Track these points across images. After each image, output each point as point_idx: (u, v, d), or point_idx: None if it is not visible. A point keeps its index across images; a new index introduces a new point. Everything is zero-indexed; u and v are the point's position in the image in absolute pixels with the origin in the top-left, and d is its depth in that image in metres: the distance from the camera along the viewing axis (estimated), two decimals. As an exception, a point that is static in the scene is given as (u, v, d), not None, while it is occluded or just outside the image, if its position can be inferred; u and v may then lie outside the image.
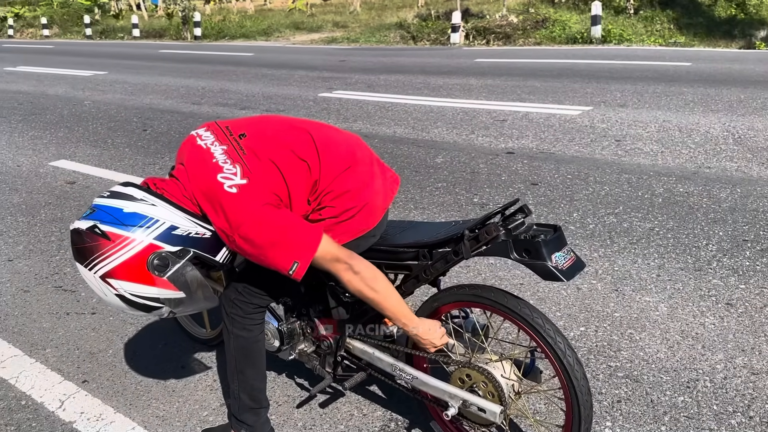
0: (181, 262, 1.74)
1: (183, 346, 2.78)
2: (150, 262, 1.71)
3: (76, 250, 1.75)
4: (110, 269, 1.70)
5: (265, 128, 1.86)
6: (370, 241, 1.91)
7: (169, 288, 1.75)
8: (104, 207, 1.75)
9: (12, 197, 4.98)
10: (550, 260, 1.63)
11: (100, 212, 1.74)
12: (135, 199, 1.74)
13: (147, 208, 1.73)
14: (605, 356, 2.51)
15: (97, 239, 1.70)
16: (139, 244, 1.70)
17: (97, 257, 1.70)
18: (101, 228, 1.70)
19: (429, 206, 4.25)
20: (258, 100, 8.57)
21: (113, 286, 1.72)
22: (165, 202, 1.76)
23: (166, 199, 1.76)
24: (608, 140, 5.58)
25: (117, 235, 1.69)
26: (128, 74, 11.97)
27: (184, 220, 1.76)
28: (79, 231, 1.73)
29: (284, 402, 2.36)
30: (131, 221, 1.71)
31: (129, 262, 1.70)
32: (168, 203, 1.76)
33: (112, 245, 1.69)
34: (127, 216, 1.71)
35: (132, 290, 1.73)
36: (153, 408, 2.38)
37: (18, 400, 2.47)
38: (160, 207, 1.74)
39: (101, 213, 1.73)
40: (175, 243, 1.74)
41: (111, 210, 1.73)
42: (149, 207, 1.73)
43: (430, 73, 10.17)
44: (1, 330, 2.99)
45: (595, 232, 3.66)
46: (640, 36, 13.02)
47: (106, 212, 1.73)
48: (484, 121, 6.58)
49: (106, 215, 1.72)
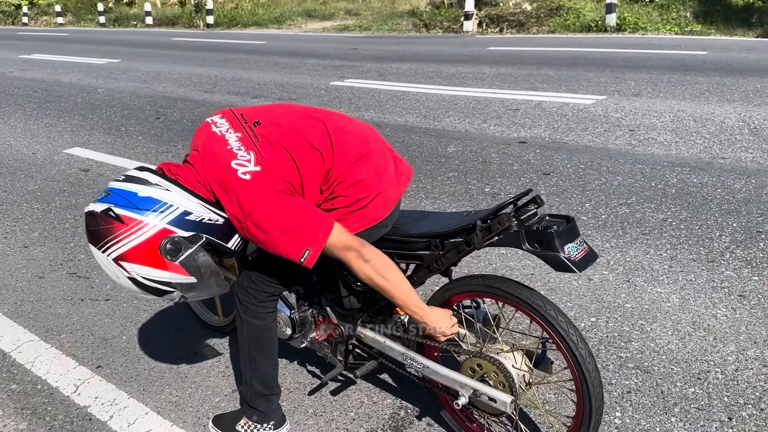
0: (194, 247, 1.76)
1: (196, 332, 2.80)
2: (163, 246, 1.72)
3: (90, 232, 1.77)
4: (123, 252, 1.72)
5: (280, 116, 1.87)
6: (381, 231, 1.91)
7: (181, 273, 1.77)
8: (119, 190, 1.76)
9: (27, 184, 5.03)
10: (563, 251, 1.62)
11: (114, 195, 1.76)
12: (150, 184, 1.76)
13: (161, 193, 1.75)
14: (616, 347, 2.51)
15: (111, 222, 1.72)
16: (152, 228, 1.72)
17: (110, 240, 1.72)
18: (116, 211, 1.72)
19: (440, 196, 4.25)
20: (270, 89, 8.57)
21: (126, 269, 1.74)
22: (179, 188, 1.77)
23: (180, 185, 1.78)
24: (622, 130, 5.53)
25: (131, 218, 1.71)
26: (141, 62, 12.01)
27: (197, 206, 1.77)
28: (93, 213, 1.75)
29: (295, 389, 2.39)
30: (145, 205, 1.73)
31: (142, 245, 1.71)
32: (182, 189, 1.77)
33: (125, 228, 1.71)
34: (142, 200, 1.73)
35: (144, 274, 1.75)
36: (166, 393, 2.41)
37: (34, 384, 2.51)
38: (175, 192, 1.76)
39: (116, 196, 1.75)
40: (188, 228, 1.76)
41: (126, 194, 1.75)
42: (163, 192, 1.75)
43: (443, 61, 10.12)
44: (17, 315, 3.03)
45: (607, 223, 3.65)
46: (655, 24, 12.86)
47: (120, 196, 1.75)
48: (496, 110, 6.55)
49: (120, 199, 1.74)
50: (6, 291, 3.28)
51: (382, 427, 2.15)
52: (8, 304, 3.14)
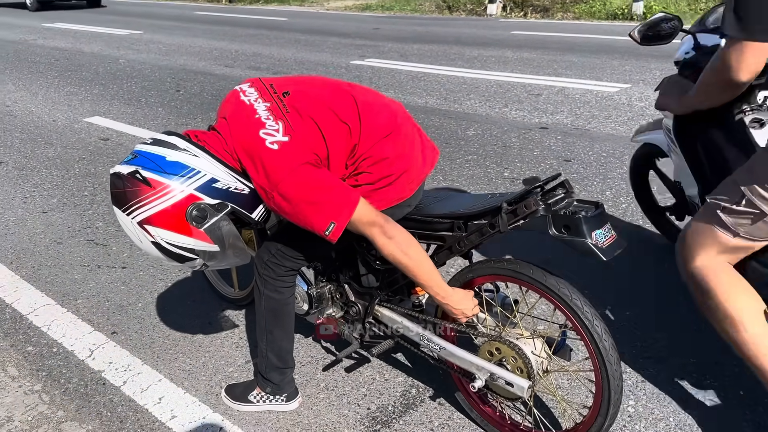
0: (219, 215, 1.75)
1: (211, 303, 2.82)
2: (189, 212, 1.71)
3: (115, 194, 1.75)
4: (148, 216, 1.71)
5: (309, 88, 1.84)
6: (404, 210, 1.90)
7: (205, 240, 1.76)
8: (147, 153, 1.75)
9: (47, 151, 5.06)
10: (590, 237, 1.59)
11: (142, 158, 1.74)
12: (178, 149, 1.75)
13: (190, 159, 1.73)
14: (632, 336, 2.48)
15: (138, 185, 1.70)
16: (179, 193, 1.71)
17: (136, 203, 1.71)
18: (143, 174, 1.70)
19: (458, 178, 4.22)
20: (290, 65, 8.53)
21: (150, 233, 1.73)
22: (207, 154, 1.76)
23: (207, 152, 1.76)
24: (645, 119, 5.44)
25: (158, 182, 1.70)
26: (163, 34, 11.99)
27: (224, 174, 1.76)
28: (120, 175, 1.74)
29: (308, 362, 2.39)
30: (173, 170, 1.71)
31: (168, 210, 1.70)
32: (210, 155, 1.76)
33: (152, 192, 1.70)
34: (170, 164, 1.72)
35: (168, 239, 1.74)
36: (179, 362, 2.43)
37: (50, 347, 2.54)
38: (202, 158, 1.74)
39: (143, 159, 1.73)
40: (214, 196, 1.75)
41: (153, 157, 1.73)
42: (192, 158, 1.74)
43: (465, 43, 10.01)
44: (34, 279, 3.06)
45: (627, 212, 3.60)
46: (683, 14, 12.62)
47: (148, 159, 1.73)
48: (518, 95, 6.47)
49: (148, 162, 1.72)
50: (24, 255, 3.32)
51: (393, 404, 2.16)
52: (26, 268, 3.17)
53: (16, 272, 3.13)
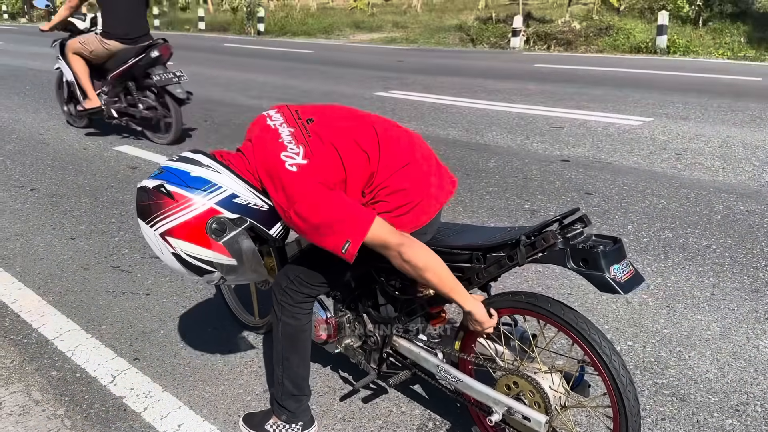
0: (238, 229, 1.81)
1: (231, 331, 2.85)
2: (209, 225, 1.78)
3: (140, 207, 1.83)
4: (170, 228, 1.78)
5: (332, 116, 1.92)
6: (420, 239, 1.92)
7: (223, 253, 1.82)
8: (172, 169, 1.83)
9: (77, 178, 5.19)
10: (608, 272, 1.60)
11: (167, 173, 1.82)
12: (202, 165, 1.83)
13: (212, 174, 1.81)
14: (652, 372, 2.46)
15: (162, 198, 1.78)
16: (201, 206, 1.78)
17: (159, 215, 1.78)
18: (167, 188, 1.78)
19: (478, 210, 4.24)
20: (315, 97, 8.68)
21: (171, 244, 1.80)
22: (229, 171, 1.84)
23: (230, 169, 1.84)
24: (668, 153, 5.44)
25: (181, 195, 1.77)
26: (193, 65, 12.28)
27: (244, 190, 1.83)
28: (145, 188, 1.82)
29: (326, 393, 2.40)
30: (196, 184, 1.79)
31: (189, 222, 1.77)
32: (232, 173, 1.84)
33: (175, 204, 1.77)
34: (193, 179, 1.79)
35: (188, 250, 1.80)
36: (199, 389, 2.46)
37: (73, 372, 2.58)
38: (224, 175, 1.82)
39: (169, 174, 1.82)
40: (234, 210, 1.81)
41: (178, 172, 1.81)
42: (214, 173, 1.82)
43: (488, 76, 10.11)
44: (61, 305, 3.13)
45: (649, 246, 3.58)
46: (707, 48, 12.61)
47: (173, 173, 1.81)
48: (540, 127, 6.50)
49: (173, 176, 1.80)
50: (52, 280, 3.39)
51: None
52: (53, 293, 3.24)
53: (44, 297, 3.20)
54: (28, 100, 8.92)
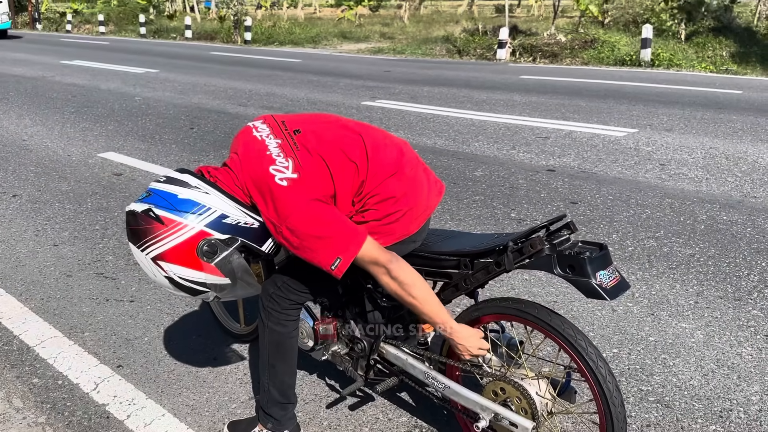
0: (229, 249, 1.79)
1: (216, 338, 2.83)
2: (200, 248, 1.76)
3: (130, 231, 1.82)
4: (161, 252, 1.76)
5: (320, 126, 1.91)
6: (410, 246, 1.93)
7: (216, 274, 1.80)
8: (160, 192, 1.81)
9: (61, 185, 5.14)
10: (595, 278, 1.61)
11: (155, 196, 1.80)
12: (189, 186, 1.81)
13: (200, 196, 1.79)
14: (637, 380, 2.47)
15: (151, 222, 1.76)
16: (190, 229, 1.76)
17: (150, 240, 1.76)
18: (156, 212, 1.76)
19: (465, 218, 4.25)
20: (303, 106, 8.68)
21: (163, 268, 1.78)
22: (217, 191, 1.82)
23: (218, 188, 1.82)
24: (652, 164, 5.49)
25: (170, 219, 1.76)
26: (179, 73, 12.25)
27: (234, 210, 1.81)
28: (134, 213, 1.80)
29: (311, 400, 2.39)
30: (185, 207, 1.77)
31: (180, 246, 1.76)
32: (220, 192, 1.82)
33: (165, 229, 1.75)
34: (181, 202, 1.77)
35: (180, 273, 1.79)
36: (183, 396, 2.43)
37: (55, 379, 2.55)
38: (213, 195, 1.80)
39: (156, 197, 1.80)
40: (224, 231, 1.80)
41: (166, 195, 1.79)
42: (202, 195, 1.80)
43: (474, 87, 10.17)
44: (43, 311, 3.09)
45: (633, 255, 3.61)
46: (690, 62, 12.78)
47: (161, 197, 1.79)
48: (526, 138, 6.55)
49: (161, 200, 1.79)
50: (34, 287, 3.35)
51: (397, 445, 2.14)
52: (35, 300, 3.20)
53: (25, 304, 3.16)
54: (11, 106, 8.84)
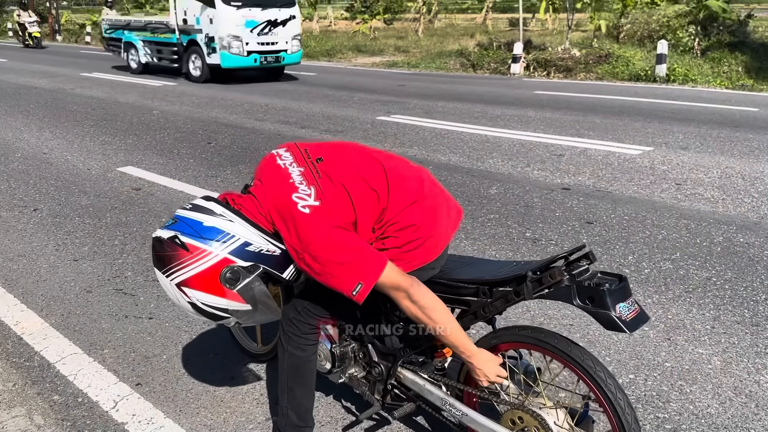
0: (251, 276, 1.83)
1: (233, 357, 2.86)
2: (223, 274, 1.80)
3: (156, 256, 1.86)
4: (186, 278, 1.80)
5: (341, 155, 1.95)
6: (429, 273, 1.95)
7: (238, 300, 1.84)
8: (186, 219, 1.85)
9: (81, 199, 5.22)
10: (614, 310, 1.63)
11: (181, 223, 1.85)
12: (215, 214, 1.85)
13: (225, 224, 1.83)
14: (653, 406, 2.47)
15: (177, 249, 1.80)
16: (214, 257, 1.80)
17: (175, 266, 1.81)
18: (181, 239, 1.81)
19: (480, 237, 4.26)
20: (318, 120, 8.75)
21: (187, 294, 1.82)
22: (241, 219, 1.85)
23: (242, 216, 1.86)
24: (668, 183, 5.48)
25: (195, 247, 1.80)
26: (196, 87, 12.39)
27: (257, 237, 1.85)
28: (160, 240, 1.84)
29: (327, 422, 2.40)
30: (209, 235, 1.81)
31: (204, 273, 1.80)
32: (244, 220, 1.85)
33: (190, 256, 1.79)
34: (206, 229, 1.82)
35: (204, 300, 1.83)
36: (201, 416, 2.46)
37: (75, 396, 2.58)
38: (237, 223, 1.84)
39: (182, 224, 1.84)
40: (247, 258, 1.83)
41: (192, 222, 1.84)
42: (227, 222, 1.83)
43: (489, 102, 10.20)
44: (63, 327, 3.13)
45: (650, 278, 3.60)
46: (705, 77, 12.75)
47: (187, 224, 1.84)
48: (540, 155, 6.56)
49: (186, 227, 1.83)
50: (55, 303, 3.40)
51: (413, 469, 2.15)
52: (56, 316, 3.25)
53: (46, 320, 3.21)
54: (32, 119, 8.98)
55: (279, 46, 13.21)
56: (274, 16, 13.02)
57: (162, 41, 14.09)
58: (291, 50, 13.46)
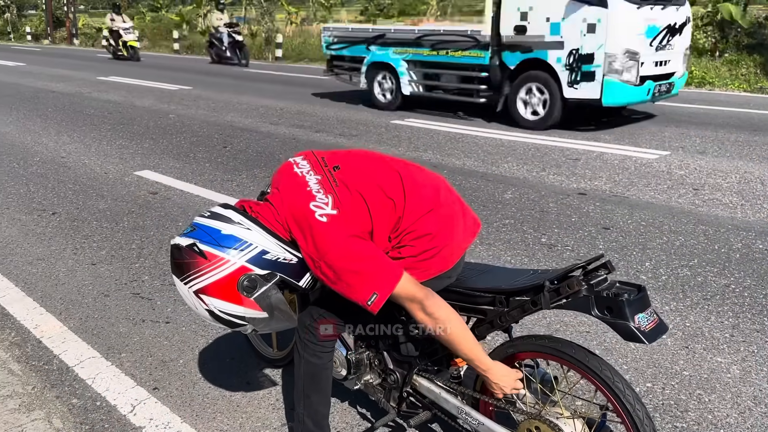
0: (268, 285, 1.84)
1: (249, 362, 2.87)
2: (240, 282, 1.81)
3: (175, 264, 1.88)
4: (204, 286, 1.82)
5: (358, 163, 1.95)
6: (445, 282, 1.95)
7: (255, 308, 1.85)
8: (204, 227, 1.87)
9: (98, 203, 5.27)
10: (633, 321, 1.62)
11: (200, 231, 1.86)
12: (233, 222, 1.86)
13: (243, 232, 1.84)
14: (671, 416, 2.45)
15: (195, 257, 1.82)
16: (232, 265, 1.81)
17: (193, 274, 1.82)
18: (200, 247, 1.82)
19: (495, 243, 4.25)
20: (332, 124, 8.77)
21: (205, 301, 1.84)
22: (259, 227, 1.86)
23: (260, 224, 1.87)
24: (685, 188, 5.43)
25: (213, 255, 1.81)
26: (212, 91, 12.47)
27: (274, 246, 1.86)
28: (179, 247, 1.86)
29: (343, 429, 2.41)
30: (227, 243, 1.82)
31: (221, 281, 1.81)
32: (261, 228, 1.86)
33: (208, 264, 1.81)
34: (224, 237, 1.83)
35: (221, 307, 1.84)
36: (218, 421, 2.47)
37: (93, 400, 2.61)
38: (254, 231, 1.85)
39: (201, 232, 1.85)
40: (264, 266, 1.84)
41: (210, 230, 1.85)
42: (245, 231, 1.85)
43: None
44: (81, 331, 3.16)
45: (667, 284, 3.57)
46: (723, 80, 12.62)
47: (205, 232, 1.85)
48: (556, 159, 6.53)
49: (205, 235, 1.84)
50: (73, 306, 3.43)
51: (428, 477, 2.15)
52: (74, 320, 3.28)
53: (65, 323, 3.24)
54: (50, 122, 9.08)
55: (671, 67, 8.16)
56: (673, 18, 7.90)
57: (453, 62, 8.80)
58: (680, 72, 8.39)
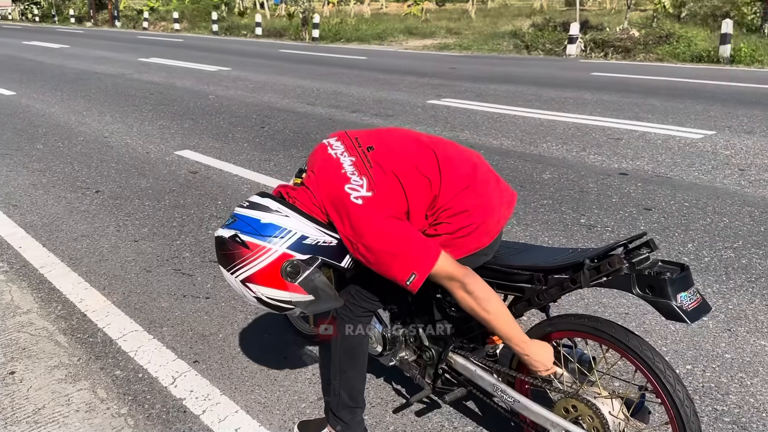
0: (311, 269, 1.86)
1: (287, 338, 2.91)
2: (284, 269, 1.84)
3: (220, 255, 1.92)
4: (249, 275, 1.86)
5: (392, 143, 1.95)
6: (482, 259, 1.94)
7: (300, 292, 1.88)
8: (244, 217, 1.90)
9: (140, 182, 5.38)
10: (675, 300, 1.58)
11: (240, 222, 1.89)
12: (271, 210, 1.89)
13: (281, 219, 1.87)
14: (711, 398, 2.40)
15: (238, 248, 1.86)
16: (274, 253, 1.84)
17: (238, 264, 1.86)
18: (241, 237, 1.86)
19: (532, 223, 4.20)
20: (368, 104, 8.75)
21: (252, 290, 1.88)
22: (297, 213, 1.88)
23: (297, 209, 1.89)
24: (731, 168, 5.28)
25: (255, 244, 1.84)
26: (250, 71, 12.57)
27: (313, 230, 1.87)
28: (222, 239, 1.90)
29: (377, 404, 2.43)
30: (268, 232, 1.85)
31: (265, 269, 1.84)
32: (299, 213, 1.89)
33: (251, 254, 1.84)
34: (264, 226, 1.86)
35: (268, 294, 1.88)
36: (256, 394, 2.52)
37: (136, 372, 2.68)
38: (293, 218, 1.87)
39: (241, 223, 1.89)
40: (305, 251, 1.87)
41: (250, 220, 1.88)
42: (283, 218, 1.87)
43: (543, 84, 10.00)
44: (124, 305, 3.25)
45: (710, 266, 3.49)
46: (773, 57, 12.17)
47: (245, 222, 1.89)
48: (597, 138, 6.40)
49: (245, 225, 1.88)
50: (116, 281, 3.53)
51: (463, 453, 2.16)
52: (117, 294, 3.37)
53: (108, 298, 3.34)
54: (93, 103, 9.28)
55: None
56: None
57: None
58: None
